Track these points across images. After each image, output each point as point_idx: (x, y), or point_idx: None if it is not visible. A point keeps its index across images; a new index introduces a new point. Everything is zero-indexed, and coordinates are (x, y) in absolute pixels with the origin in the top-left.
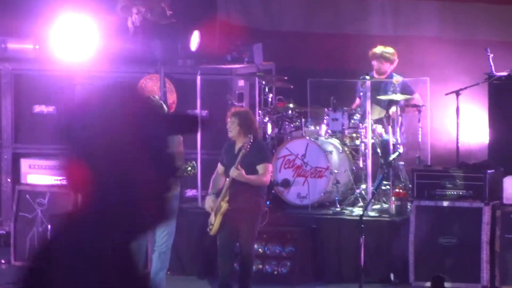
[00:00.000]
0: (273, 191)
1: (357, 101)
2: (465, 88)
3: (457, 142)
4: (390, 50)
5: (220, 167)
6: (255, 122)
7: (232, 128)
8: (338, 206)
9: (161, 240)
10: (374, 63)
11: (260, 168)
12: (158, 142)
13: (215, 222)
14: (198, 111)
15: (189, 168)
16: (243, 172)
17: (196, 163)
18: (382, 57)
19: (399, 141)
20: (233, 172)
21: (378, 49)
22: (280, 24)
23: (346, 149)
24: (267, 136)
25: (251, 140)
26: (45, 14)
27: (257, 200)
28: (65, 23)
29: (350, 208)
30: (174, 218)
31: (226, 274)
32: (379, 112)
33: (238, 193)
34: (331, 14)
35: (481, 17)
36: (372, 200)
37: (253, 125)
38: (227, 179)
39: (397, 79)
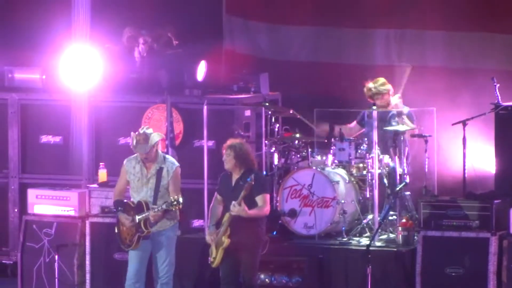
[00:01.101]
0: (279, 221)
1: (353, 123)
2: (472, 118)
3: (464, 172)
4: (381, 81)
5: (217, 197)
6: (250, 153)
7: (228, 160)
8: (345, 236)
9: (162, 271)
10: (374, 100)
11: (259, 199)
12: None
13: (217, 255)
14: (205, 141)
15: (174, 202)
16: (246, 208)
17: (202, 193)
18: (378, 93)
19: (405, 171)
20: (234, 209)
21: (371, 88)
22: (286, 54)
23: (352, 179)
24: (274, 166)
25: (253, 182)
26: (52, 44)
27: (257, 231)
28: (72, 53)
29: (357, 238)
30: (173, 248)
31: None
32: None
33: (238, 227)
34: (336, 44)
35: (487, 47)
36: (379, 230)
37: (248, 156)
38: (227, 213)
39: (403, 111)
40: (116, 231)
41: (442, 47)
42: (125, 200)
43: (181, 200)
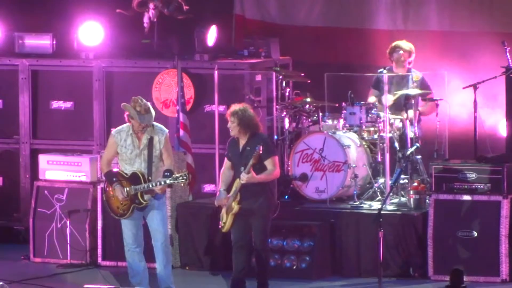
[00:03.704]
0: (291, 186)
1: (370, 92)
2: (483, 81)
3: (475, 136)
4: (409, 44)
5: (227, 162)
6: (254, 117)
7: (233, 128)
8: (356, 200)
9: (159, 235)
10: (398, 53)
11: (268, 163)
12: None
13: (227, 221)
14: (215, 106)
15: (181, 178)
16: (254, 174)
17: (214, 158)
18: (403, 50)
19: (417, 135)
20: (244, 177)
21: (400, 42)
22: (295, 19)
23: (364, 143)
24: (284, 130)
25: (260, 151)
26: (63, 9)
27: (267, 196)
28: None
29: (368, 202)
30: (165, 210)
31: (240, 269)
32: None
33: (249, 192)
34: (341, 8)
35: (496, 10)
36: (391, 194)
37: (252, 121)
38: (237, 179)
39: (417, 75)
40: (105, 199)
41: (449, 11)
42: (116, 170)
43: (188, 175)
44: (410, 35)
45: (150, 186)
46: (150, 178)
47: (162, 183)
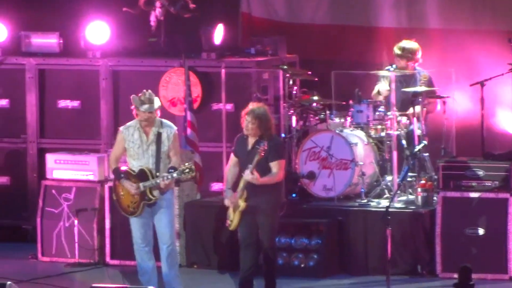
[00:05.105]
0: (298, 183)
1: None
2: (490, 78)
3: (482, 133)
4: (413, 46)
5: (233, 158)
6: (272, 119)
7: (252, 129)
8: (364, 198)
9: (166, 235)
10: (398, 61)
11: (273, 165)
12: None
13: (234, 218)
14: (223, 104)
15: (187, 170)
16: (258, 176)
17: (221, 156)
18: (403, 57)
19: (424, 132)
20: (247, 176)
21: (400, 48)
22: (302, 17)
23: (371, 140)
24: (292, 128)
25: (265, 147)
26: (69, 8)
27: (274, 194)
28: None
29: (376, 200)
30: (173, 211)
31: (247, 268)
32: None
33: (255, 190)
34: (346, 5)
35: (499, 8)
36: (398, 192)
37: (270, 123)
38: (242, 175)
39: (425, 74)
40: (114, 198)
41: (452, 9)
42: (124, 168)
43: (193, 167)
44: (415, 32)
45: (158, 181)
46: (158, 174)
47: (170, 177)
